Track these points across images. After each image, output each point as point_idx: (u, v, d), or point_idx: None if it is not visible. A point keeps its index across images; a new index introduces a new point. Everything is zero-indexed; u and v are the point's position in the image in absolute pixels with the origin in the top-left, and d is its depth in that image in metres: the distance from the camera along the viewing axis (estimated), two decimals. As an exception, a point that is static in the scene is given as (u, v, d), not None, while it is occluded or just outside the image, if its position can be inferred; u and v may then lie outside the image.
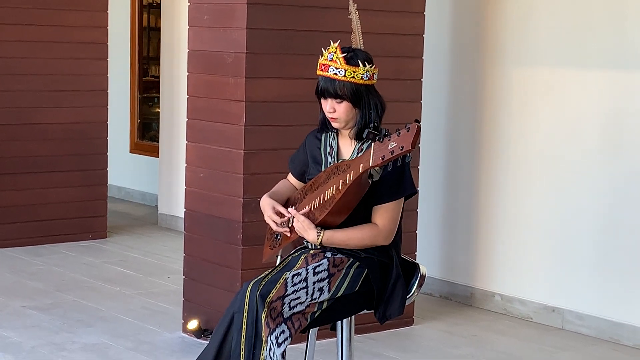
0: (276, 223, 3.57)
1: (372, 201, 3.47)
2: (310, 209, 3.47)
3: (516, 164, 5.71)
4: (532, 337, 5.34)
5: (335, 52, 3.48)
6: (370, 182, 3.34)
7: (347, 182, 3.31)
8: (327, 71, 3.48)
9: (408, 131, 3.14)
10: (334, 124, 3.54)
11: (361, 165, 3.27)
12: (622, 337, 5.25)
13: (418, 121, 3.17)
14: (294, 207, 3.60)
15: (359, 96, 3.48)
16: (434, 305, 5.89)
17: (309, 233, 3.43)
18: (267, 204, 3.62)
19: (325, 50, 3.52)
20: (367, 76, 3.48)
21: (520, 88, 5.68)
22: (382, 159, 3.19)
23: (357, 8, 5.07)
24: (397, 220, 3.51)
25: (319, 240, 3.43)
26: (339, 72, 3.46)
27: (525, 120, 5.66)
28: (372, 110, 3.50)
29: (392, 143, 3.17)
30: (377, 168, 3.27)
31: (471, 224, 5.95)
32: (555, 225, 5.53)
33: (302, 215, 3.46)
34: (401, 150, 3.14)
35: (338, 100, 3.48)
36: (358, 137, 3.53)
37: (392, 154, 3.16)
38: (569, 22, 5.45)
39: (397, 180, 3.46)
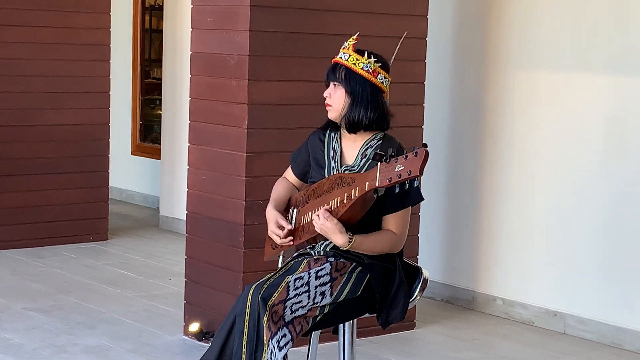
0: (279, 237, 3.59)
1: (380, 210, 3.47)
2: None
3: (519, 167, 5.70)
4: (534, 342, 5.32)
5: (350, 40, 3.58)
6: (376, 197, 3.33)
7: (353, 197, 3.31)
8: (337, 56, 3.58)
9: (416, 156, 3.12)
10: (329, 114, 3.58)
11: (367, 183, 3.27)
12: (625, 342, 5.22)
13: (426, 145, 3.15)
14: (296, 209, 3.60)
15: (354, 84, 3.51)
16: (436, 309, 5.87)
17: (339, 237, 3.38)
18: (271, 217, 3.64)
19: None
20: (367, 67, 3.51)
21: (523, 91, 5.67)
22: (389, 181, 3.18)
23: (360, 11, 5.09)
24: (408, 226, 3.54)
25: (349, 246, 3.40)
26: (344, 56, 3.55)
27: (528, 124, 5.65)
28: (364, 107, 3.50)
29: (399, 166, 3.15)
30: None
31: (473, 227, 5.94)
32: (558, 229, 5.52)
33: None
34: (408, 174, 3.13)
35: (335, 83, 3.54)
36: (350, 130, 3.54)
37: (399, 177, 3.15)
38: (572, 26, 5.44)
39: (405, 190, 3.42)
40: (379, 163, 3.22)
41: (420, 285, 3.60)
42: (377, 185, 3.21)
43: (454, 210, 6.06)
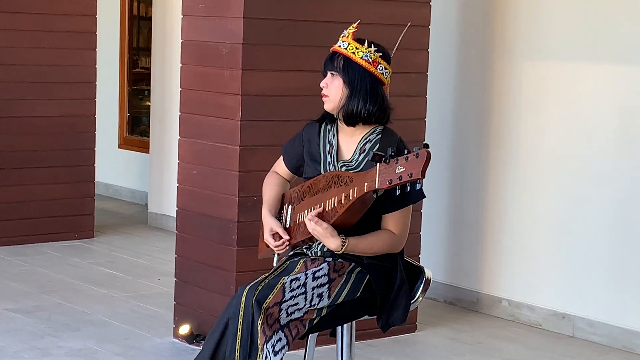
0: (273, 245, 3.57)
1: (379, 209, 3.43)
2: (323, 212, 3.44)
3: (525, 162, 5.68)
4: (541, 345, 5.31)
5: (350, 28, 3.55)
6: (375, 196, 3.29)
7: (351, 198, 3.31)
8: (336, 45, 3.56)
9: (417, 157, 3.09)
10: (325, 105, 3.56)
11: (366, 184, 3.25)
12: (636, 345, 5.20)
13: (427, 146, 3.11)
14: (291, 206, 3.57)
15: (353, 75, 3.48)
16: (438, 311, 5.86)
17: (331, 241, 3.34)
18: (267, 224, 3.61)
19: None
20: (367, 57, 3.49)
21: (531, 83, 5.65)
22: (389, 184, 3.16)
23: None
24: (409, 225, 3.51)
25: (343, 250, 3.36)
26: (343, 44, 3.53)
27: (535, 117, 5.63)
28: (363, 99, 3.46)
29: (399, 167, 3.13)
30: None
31: (478, 225, 5.91)
32: (566, 228, 5.50)
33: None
34: (410, 177, 3.12)
35: (333, 72, 3.51)
36: (348, 122, 3.50)
37: (399, 180, 3.13)
38: (581, 15, 5.44)
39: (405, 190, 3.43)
40: (377, 163, 3.19)
41: (422, 285, 3.59)
42: (376, 187, 3.21)
43: (457, 208, 6.03)
